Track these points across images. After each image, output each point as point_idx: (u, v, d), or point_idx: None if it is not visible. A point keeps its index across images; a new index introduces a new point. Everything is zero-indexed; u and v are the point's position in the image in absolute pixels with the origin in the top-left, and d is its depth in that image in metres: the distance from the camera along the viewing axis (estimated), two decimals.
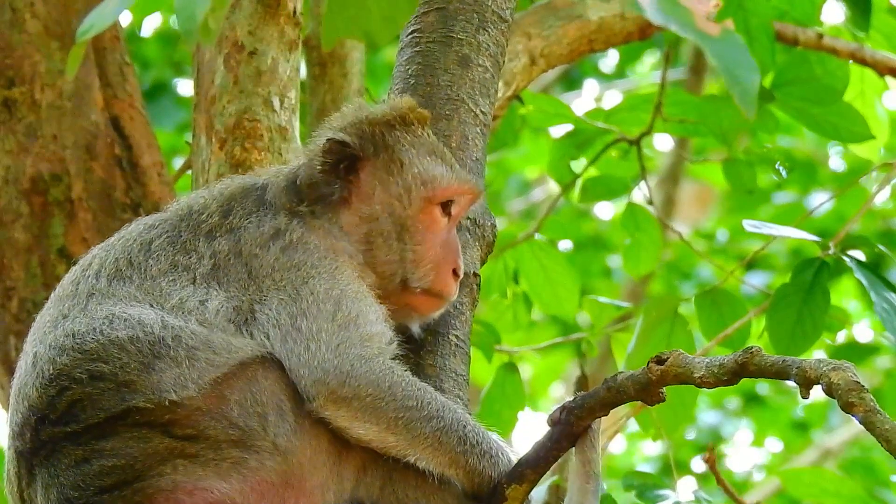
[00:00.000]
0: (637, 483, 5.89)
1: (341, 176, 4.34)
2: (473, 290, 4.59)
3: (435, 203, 4.35)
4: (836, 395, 3.66)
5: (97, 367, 4.02)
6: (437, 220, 4.36)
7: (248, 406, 4.00)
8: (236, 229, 4.27)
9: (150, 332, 4.04)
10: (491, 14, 4.78)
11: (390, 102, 4.46)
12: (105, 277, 4.20)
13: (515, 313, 7.26)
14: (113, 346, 4.02)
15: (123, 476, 3.98)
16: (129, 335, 4.03)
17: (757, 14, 6.22)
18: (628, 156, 7.14)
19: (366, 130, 4.37)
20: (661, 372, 3.91)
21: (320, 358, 4.07)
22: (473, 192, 4.40)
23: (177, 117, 11.33)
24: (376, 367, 4.10)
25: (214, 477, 3.97)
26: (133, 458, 3.97)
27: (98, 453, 3.99)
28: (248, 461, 3.98)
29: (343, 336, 4.11)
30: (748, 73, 3.61)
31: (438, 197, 4.34)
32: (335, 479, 4.07)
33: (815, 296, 5.78)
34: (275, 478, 4.00)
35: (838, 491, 6.18)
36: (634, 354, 6.22)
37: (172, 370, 4.00)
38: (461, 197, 4.39)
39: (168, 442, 3.97)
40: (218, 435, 3.98)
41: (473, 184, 4.41)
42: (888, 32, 6.93)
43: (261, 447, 3.99)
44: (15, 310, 6.21)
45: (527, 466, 4.13)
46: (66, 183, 6.28)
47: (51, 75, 6.30)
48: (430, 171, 4.36)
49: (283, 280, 4.18)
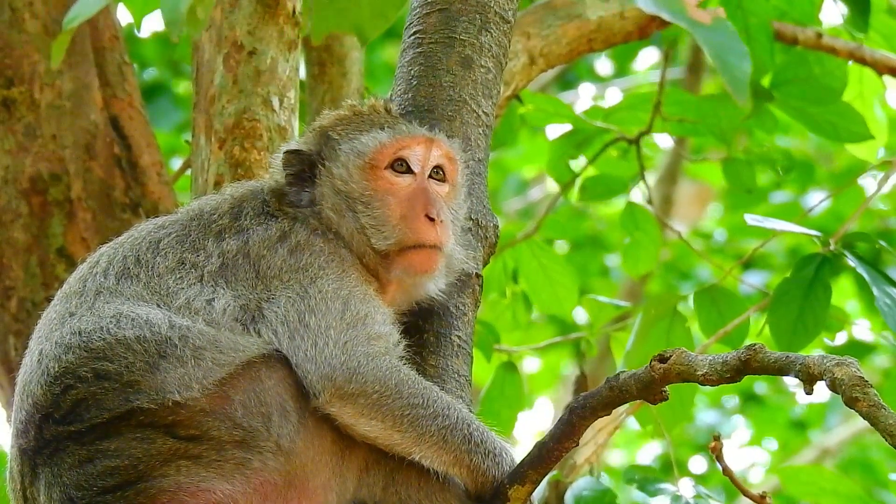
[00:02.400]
0: (638, 476, 5.89)
1: (306, 181, 4.40)
2: (476, 291, 4.59)
3: (380, 167, 4.37)
4: (839, 391, 3.66)
5: (102, 366, 4.02)
6: (393, 182, 4.37)
7: (251, 406, 4.00)
8: (245, 230, 4.30)
9: (157, 332, 4.05)
10: (493, 15, 4.78)
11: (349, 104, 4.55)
12: (113, 275, 4.21)
13: (514, 313, 7.26)
14: (119, 346, 4.03)
15: (126, 477, 3.97)
16: (136, 335, 4.04)
17: (756, 13, 6.22)
18: (627, 155, 7.15)
19: (318, 135, 4.46)
20: (664, 370, 3.91)
21: (328, 354, 4.08)
22: (420, 142, 4.40)
23: (174, 117, 11.33)
24: (383, 364, 4.10)
25: (217, 478, 3.97)
26: (136, 459, 3.97)
27: (101, 453, 3.99)
28: (252, 462, 3.98)
29: (351, 334, 4.11)
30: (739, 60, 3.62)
31: (378, 160, 4.37)
32: (338, 479, 4.06)
33: (816, 291, 5.79)
34: (278, 478, 4.00)
35: (836, 490, 6.19)
36: (633, 353, 6.22)
37: (177, 370, 4.00)
38: (409, 151, 4.39)
39: (171, 443, 3.97)
40: (221, 436, 3.98)
41: (413, 135, 4.41)
42: (887, 33, 6.94)
43: (264, 448, 3.99)
44: (14, 309, 6.20)
45: (529, 467, 4.13)
46: (65, 182, 6.27)
47: (50, 75, 6.30)
48: (362, 141, 4.39)
49: (291, 280, 4.19)
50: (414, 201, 4.35)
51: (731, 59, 3.62)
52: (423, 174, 4.39)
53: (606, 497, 5.87)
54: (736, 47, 3.65)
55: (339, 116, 4.48)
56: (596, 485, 5.96)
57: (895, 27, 6.97)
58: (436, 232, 4.33)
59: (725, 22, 3.71)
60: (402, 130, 4.42)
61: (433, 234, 4.33)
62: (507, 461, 4.15)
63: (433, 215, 4.33)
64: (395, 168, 4.38)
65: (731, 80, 3.61)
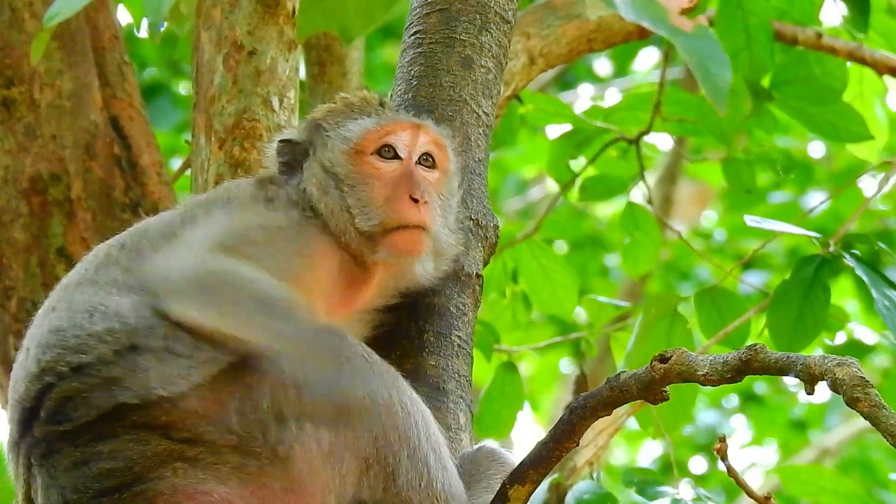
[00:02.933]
0: (637, 479, 5.89)
1: (297, 170, 4.43)
2: (476, 291, 4.59)
3: (366, 153, 4.37)
4: (840, 391, 3.66)
5: (78, 359, 4.00)
6: (379, 167, 4.36)
7: (247, 413, 3.98)
8: (231, 199, 4.34)
9: (126, 322, 4.03)
10: (493, 15, 4.78)
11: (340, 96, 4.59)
12: (94, 266, 4.20)
13: (514, 313, 7.26)
14: (92, 339, 4.01)
15: (122, 479, 3.95)
16: (106, 327, 4.02)
17: (756, 13, 6.23)
18: (627, 155, 7.15)
19: (309, 126, 4.48)
20: (665, 370, 3.91)
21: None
22: (407, 128, 4.40)
23: (174, 117, 11.33)
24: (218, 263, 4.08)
25: (214, 481, 3.94)
26: (132, 461, 3.95)
27: (96, 455, 3.97)
28: (248, 466, 3.96)
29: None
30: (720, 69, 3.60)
31: (364, 146, 4.38)
32: (337, 481, 4.05)
33: (815, 292, 5.79)
34: (275, 483, 3.98)
35: (836, 489, 6.19)
36: (633, 353, 6.23)
37: (156, 365, 3.98)
38: (395, 137, 4.39)
39: (166, 444, 3.95)
40: (216, 440, 3.96)
41: (398, 121, 4.42)
42: (886, 33, 6.94)
43: (260, 454, 3.97)
44: (14, 309, 6.21)
45: (529, 467, 4.12)
46: (65, 183, 6.27)
47: (50, 75, 6.30)
48: (348, 128, 4.41)
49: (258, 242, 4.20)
50: (399, 184, 4.34)
51: (712, 68, 3.60)
52: (410, 159, 4.39)
53: (607, 500, 5.88)
54: (717, 55, 3.63)
55: (331, 108, 4.52)
56: (597, 488, 5.96)
57: (895, 27, 6.97)
58: (420, 213, 4.32)
59: (707, 29, 3.70)
60: (389, 117, 4.44)
61: (417, 215, 4.31)
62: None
63: (417, 196, 4.32)
64: (381, 154, 4.38)
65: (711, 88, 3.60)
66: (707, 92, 3.62)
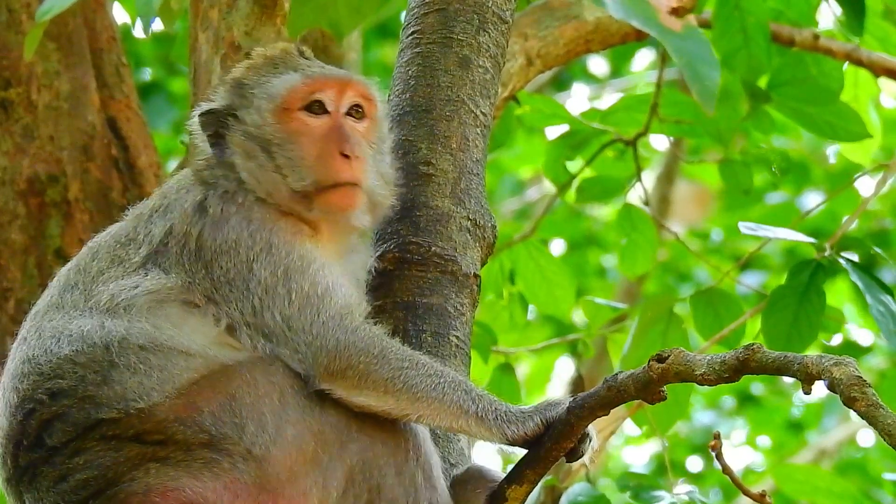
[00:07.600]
0: (632, 484, 5.90)
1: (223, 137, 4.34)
2: (474, 292, 4.59)
3: (293, 109, 4.30)
4: (837, 391, 3.67)
5: (56, 385, 4.05)
6: (307, 122, 4.30)
7: (222, 416, 4.00)
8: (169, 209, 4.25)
9: (91, 343, 4.05)
10: (491, 15, 4.78)
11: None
12: (58, 288, 4.22)
13: (511, 314, 7.26)
14: (65, 363, 4.05)
15: (97, 486, 4.01)
16: (73, 349, 4.05)
17: (754, 14, 6.23)
18: (624, 156, 7.14)
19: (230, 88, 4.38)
20: (663, 370, 3.91)
21: (303, 345, 4.07)
22: (334, 83, 4.33)
23: (170, 116, 11.32)
24: (362, 335, 4.10)
25: (186, 476, 3.98)
26: (105, 468, 4.00)
27: (73, 470, 4.02)
28: (220, 462, 3.98)
29: (317, 316, 4.10)
30: (709, 69, 3.60)
31: (291, 102, 4.30)
32: (319, 488, 4.05)
33: (810, 298, 5.80)
34: (248, 480, 3.99)
35: (831, 489, 6.20)
36: (630, 354, 6.23)
37: (132, 379, 4.02)
38: (323, 93, 4.32)
39: (139, 448, 4.00)
40: (188, 438, 3.99)
41: (326, 76, 4.35)
42: (881, 36, 6.94)
43: (233, 451, 3.99)
44: (12, 311, 6.21)
45: (527, 467, 4.13)
46: (62, 184, 6.28)
47: (47, 76, 6.31)
48: (273, 84, 4.32)
49: (228, 267, 4.14)
50: (328, 140, 4.28)
51: (700, 68, 3.61)
52: (339, 113, 4.32)
53: (601, 503, 5.88)
54: (706, 56, 3.64)
55: (250, 64, 4.41)
56: (591, 490, 5.97)
57: (890, 30, 6.98)
58: (352, 169, 4.28)
59: (696, 30, 3.70)
60: (314, 72, 4.36)
61: (349, 172, 4.27)
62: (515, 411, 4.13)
63: (348, 152, 4.27)
64: (309, 109, 4.31)
65: (699, 88, 3.60)
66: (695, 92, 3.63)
